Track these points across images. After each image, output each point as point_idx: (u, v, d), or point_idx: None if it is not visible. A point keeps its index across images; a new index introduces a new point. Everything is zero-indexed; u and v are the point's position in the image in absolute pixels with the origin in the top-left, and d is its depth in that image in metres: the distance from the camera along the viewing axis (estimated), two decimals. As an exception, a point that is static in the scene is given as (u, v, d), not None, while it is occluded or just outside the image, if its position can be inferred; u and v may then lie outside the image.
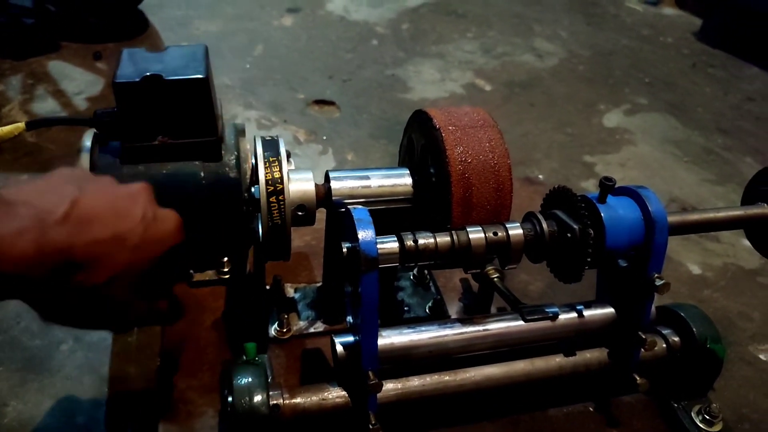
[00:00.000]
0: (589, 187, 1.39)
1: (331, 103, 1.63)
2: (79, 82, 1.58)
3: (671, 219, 0.71)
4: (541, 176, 1.38)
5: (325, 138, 1.48)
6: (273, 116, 1.54)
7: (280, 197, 0.69)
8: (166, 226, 0.54)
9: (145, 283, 0.54)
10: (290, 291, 0.94)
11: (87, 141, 0.84)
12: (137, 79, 0.75)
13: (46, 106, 1.49)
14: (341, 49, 1.89)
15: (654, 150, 1.57)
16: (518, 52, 1.98)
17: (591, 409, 0.81)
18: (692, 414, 0.79)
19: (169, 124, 0.80)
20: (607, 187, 0.68)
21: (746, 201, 0.81)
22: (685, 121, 1.70)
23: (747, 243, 1.26)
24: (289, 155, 0.92)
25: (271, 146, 0.73)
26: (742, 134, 1.66)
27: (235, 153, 0.86)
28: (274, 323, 0.88)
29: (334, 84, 1.71)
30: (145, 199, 0.54)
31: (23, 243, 0.45)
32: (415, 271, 0.99)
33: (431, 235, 0.68)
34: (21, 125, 0.81)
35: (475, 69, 1.85)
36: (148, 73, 0.75)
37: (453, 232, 0.68)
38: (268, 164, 0.71)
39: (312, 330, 0.88)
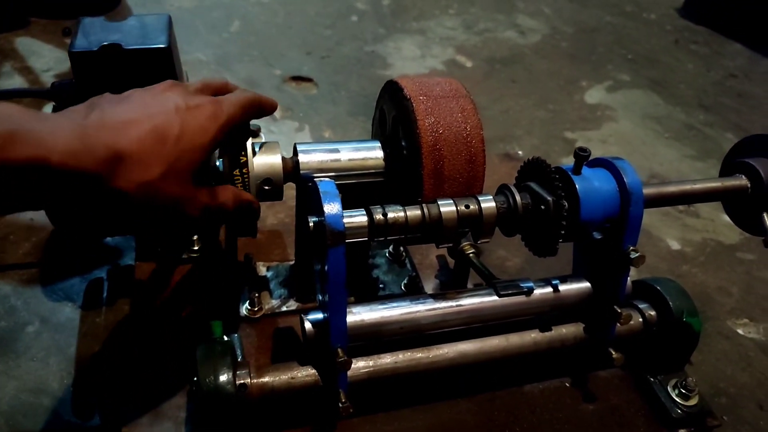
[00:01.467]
0: (570, 163, 1.38)
1: (308, 79, 1.59)
2: (47, 59, 1.54)
3: (647, 191, 0.70)
4: (521, 152, 1.36)
5: (301, 115, 1.45)
6: (249, 93, 1.50)
7: (244, 170, 0.67)
8: (203, 112, 0.54)
9: (202, 174, 0.54)
10: (262, 269, 0.92)
11: (46, 115, 0.80)
12: (95, 49, 0.72)
13: (13, 83, 1.44)
14: (320, 25, 1.85)
15: (635, 126, 1.56)
16: (500, 29, 1.95)
17: (567, 385, 0.80)
18: (668, 388, 0.78)
19: (130, 97, 0.77)
20: (582, 157, 0.67)
21: (724, 173, 0.80)
22: (667, 97, 1.69)
23: (726, 218, 1.26)
24: (258, 130, 0.90)
25: (235, 117, 0.70)
26: (724, 110, 1.65)
27: (203, 127, 0.83)
28: (245, 302, 0.86)
29: (311, 60, 1.67)
30: (174, 92, 0.54)
31: (65, 135, 0.44)
32: (390, 248, 0.97)
33: (401, 208, 0.66)
34: (-25, 98, 0.78)
35: (456, 45, 1.83)
36: (106, 43, 0.72)
37: (424, 205, 0.66)
38: (232, 136, 0.69)
39: (284, 308, 0.86)
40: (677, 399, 0.77)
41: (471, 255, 0.86)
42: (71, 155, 0.44)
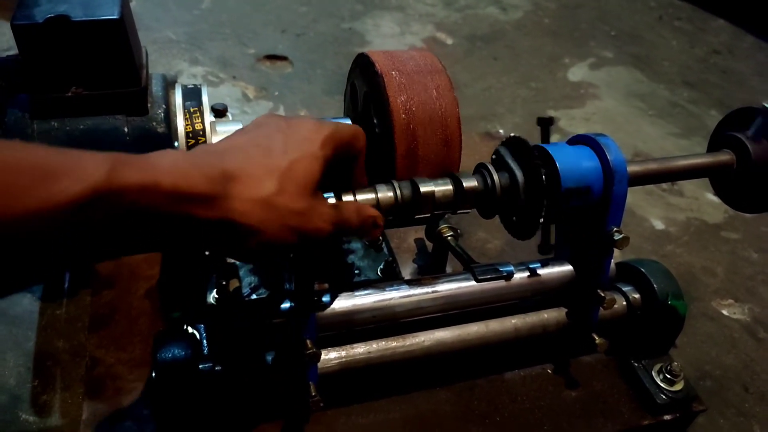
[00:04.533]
0: (554, 143, 1.35)
1: (283, 58, 1.54)
2: (8, 38, 1.45)
3: (631, 168, 0.66)
4: (502, 131, 1.33)
5: (276, 94, 1.40)
6: (221, 72, 1.45)
7: (204, 151, 0.62)
8: (304, 125, 0.51)
9: (327, 182, 0.52)
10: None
11: (-7, 94, 0.75)
12: (40, 21, 0.66)
13: (-29, 63, 1.37)
14: (295, 2, 1.79)
15: (619, 104, 1.52)
16: (481, 5, 1.91)
17: (549, 372, 0.77)
18: (653, 373, 0.76)
19: (82, 73, 0.71)
20: (546, 122, 0.62)
21: (712, 148, 0.77)
22: (651, 74, 1.66)
23: (711, 197, 1.24)
24: (225, 109, 0.85)
25: (192, 95, 0.65)
26: (708, 87, 1.62)
27: (164, 106, 0.78)
28: (212, 290, 0.81)
29: (286, 38, 1.62)
30: (271, 117, 0.53)
31: (172, 158, 0.43)
32: (366, 232, 0.93)
33: (372, 189, 0.61)
34: None
35: (436, 22, 1.78)
36: (52, 14, 0.66)
37: (396, 186, 0.62)
38: (189, 115, 0.64)
39: (254, 297, 0.82)
40: (662, 384, 0.75)
41: (449, 238, 0.83)
42: (182, 176, 0.42)
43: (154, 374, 0.61)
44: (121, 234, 0.41)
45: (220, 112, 0.84)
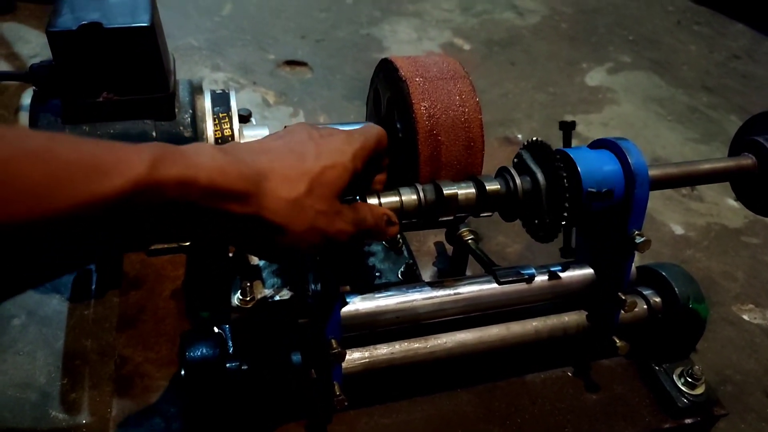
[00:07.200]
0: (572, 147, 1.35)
1: (303, 63, 1.56)
2: (34, 45, 1.50)
3: (652, 172, 0.67)
4: (520, 136, 1.33)
5: (296, 100, 1.41)
6: (241, 78, 1.47)
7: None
8: (337, 137, 0.54)
9: (351, 188, 0.54)
10: (254, 259, 0.89)
11: (26, 99, 0.78)
12: (74, 28, 0.69)
13: None
14: (314, 8, 1.81)
15: (637, 109, 1.52)
16: (498, 10, 1.91)
17: (569, 374, 0.78)
18: (674, 377, 0.76)
19: (113, 79, 0.74)
20: (568, 126, 0.63)
21: (733, 152, 0.77)
22: (670, 79, 1.66)
23: (731, 202, 1.23)
24: (250, 115, 0.86)
25: (221, 100, 0.67)
26: (728, 92, 1.62)
27: (191, 111, 0.80)
28: (236, 292, 0.83)
29: (306, 44, 1.64)
30: (304, 127, 0.55)
31: (209, 154, 0.45)
32: (387, 235, 0.94)
33: (396, 192, 0.63)
34: (-50, 81, 0.75)
35: (453, 27, 1.79)
36: (85, 21, 0.69)
37: (419, 188, 0.63)
38: (218, 120, 0.66)
39: (278, 298, 0.83)
40: (683, 388, 0.75)
41: (469, 241, 0.83)
42: (219, 173, 0.44)
43: (183, 372, 0.63)
44: (158, 224, 0.43)
45: (244, 118, 0.85)
